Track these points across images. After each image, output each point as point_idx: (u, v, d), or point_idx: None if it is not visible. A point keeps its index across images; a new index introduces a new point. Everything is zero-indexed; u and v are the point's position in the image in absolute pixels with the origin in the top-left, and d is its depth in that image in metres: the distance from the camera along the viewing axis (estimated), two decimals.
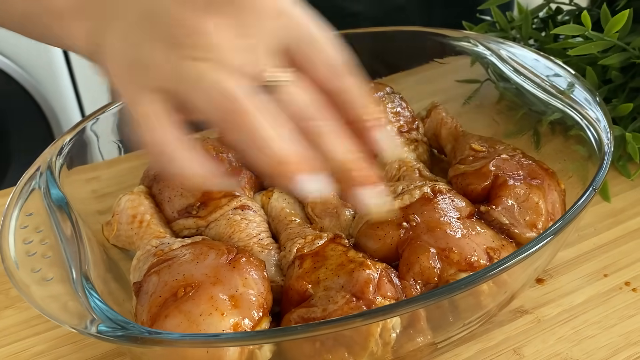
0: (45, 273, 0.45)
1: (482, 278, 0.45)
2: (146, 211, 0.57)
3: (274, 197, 0.58)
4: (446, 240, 0.50)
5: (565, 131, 0.62)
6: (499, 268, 0.45)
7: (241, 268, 0.48)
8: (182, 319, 0.45)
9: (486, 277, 0.45)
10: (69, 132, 0.57)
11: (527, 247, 0.45)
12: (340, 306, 0.46)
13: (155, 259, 0.50)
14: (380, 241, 0.51)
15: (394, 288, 0.48)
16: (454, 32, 0.68)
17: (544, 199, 0.55)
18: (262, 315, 0.47)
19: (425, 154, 0.65)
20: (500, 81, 0.67)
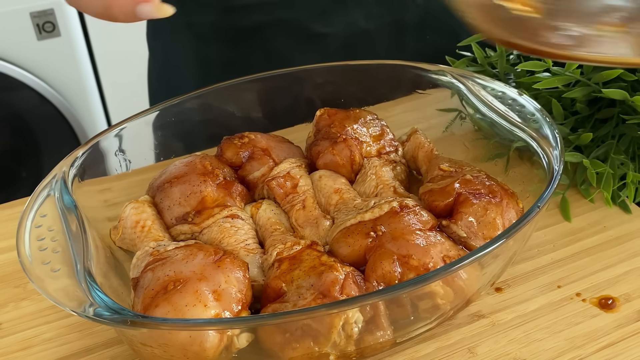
0: (54, 265, 0.52)
1: (427, 279, 0.51)
2: (148, 217, 0.64)
3: (262, 208, 0.65)
4: (407, 248, 0.56)
5: (530, 157, 0.68)
6: (443, 270, 0.52)
7: (225, 267, 0.55)
8: (169, 308, 0.52)
9: (430, 278, 0.51)
10: (82, 147, 0.64)
11: (467, 256, 0.52)
12: (308, 302, 0.53)
13: (151, 258, 0.57)
14: (349, 248, 0.58)
15: (358, 289, 0.54)
16: (431, 65, 0.76)
17: (501, 215, 0.61)
18: (242, 309, 0.54)
19: (403, 174, 0.71)
20: (475, 112, 0.74)
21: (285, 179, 0.67)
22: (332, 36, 0.92)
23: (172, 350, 0.51)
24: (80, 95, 1.94)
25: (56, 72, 1.87)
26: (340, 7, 0.91)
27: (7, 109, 1.90)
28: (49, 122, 1.91)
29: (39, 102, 1.85)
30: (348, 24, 0.92)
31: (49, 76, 1.88)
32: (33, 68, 1.82)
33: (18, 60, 1.81)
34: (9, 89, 1.84)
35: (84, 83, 1.94)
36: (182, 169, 0.67)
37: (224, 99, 0.78)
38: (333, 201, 0.66)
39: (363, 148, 0.71)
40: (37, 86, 1.85)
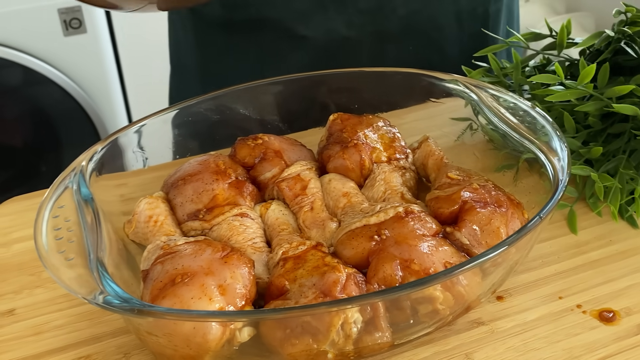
0: (68, 255, 0.54)
1: (426, 282, 0.53)
2: (161, 213, 0.66)
3: (271, 209, 0.67)
4: (409, 252, 0.58)
5: (539, 169, 0.69)
6: (442, 275, 0.53)
7: (232, 263, 0.57)
8: (176, 300, 0.53)
9: (429, 282, 0.53)
10: (101, 142, 0.67)
11: (466, 262, 0.53)
12: (309, 300, 0.54)
13: (162, 251, 0.59)
14: (353, 250, 0.59)
15: (359, 290, 0.56)
16: (445, 75, 0.77)
17: (506, 225, 0.62)
18: (245, 304, 0.55)
19: (412, 181, 0.73)
20: (486, 122, 0.75)
21: (295, 181, 0.68)
22: (313, 40, 0.93)
23: (176, 340, 0.52)
24: (103, 92, 1.98)
25: (80, 68, 1.91)
26: (320, 11, 0.91)
27: (30, 103, 1.95)
28: (71, 117, 1.95)
29: (62, 97, 1.89)
30: (329, 29, 0.92)
31: (73, 72, 1.91)
32: (58, 63, 1.86)
33: (44, 55, 1.86)
34: (34, 84, 1.89)
35: (107, 80, 1.97)
36: (196, 167, 0.69)
37: (240, 101, 0.80)
38: (341, 204, 0.67)
39: (374, 153, 0.72)
40: (61, 81, 1.89)
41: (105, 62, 1.97)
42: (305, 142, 0.78)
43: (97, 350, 0.60)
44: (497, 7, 0.96)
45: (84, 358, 0.59)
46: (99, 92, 1.99)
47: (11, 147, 2.03)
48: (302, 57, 0.93)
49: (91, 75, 1.95)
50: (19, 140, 2.03)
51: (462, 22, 0.96)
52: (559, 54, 0.82)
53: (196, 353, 0.53)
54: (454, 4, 0.94)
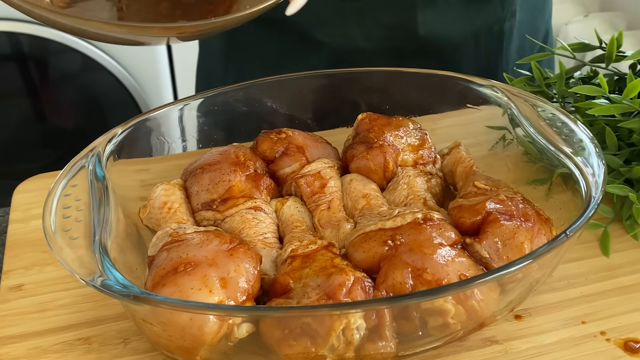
0: (73, 234, 0.54)
1: (436, 293, 0.50)
2: (176, 200, 0.65)
3: (287, 204, 0.65)
4: (423, 261, 0.55)
5: (573, 185, 0.65)
6: (455, 287, 0.50)
7: (237, 257, 0.55)
8: (175, 289, 0.52)
9: (439, 293, 0.50)
10: (121, 125, 0.66)
11: (482, 275, 0.50)
12: (312, 301, 0.52)
13: (169, 238, 0.58)
14: (364, 253, 0.57)
15: (365, 295, 0.53)
16: (482, 80, 0.73)
17: (530, 241, 0.59)
18: (246, 299, 0.54)
19: (437, 187, 0.70)
20: (522, 133, 0.71)
21: (315, 178, 0.66)
22: (330, 46, 0.92)
23: (172, 330, 0.51)
24: (153, 82, 1.99)
25: (133, 57, 1.93)
26: (340, 20, 0.90)
27: (85, 89, 1.98)
28: (121, 105, 1.98)
29: (114, 85, 1.92)
30: (347, 38, 0.91)
31: (126, 60, 1.94)
32: (112, 50, 1.88)
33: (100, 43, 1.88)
34: (90, 71, 1.92)
35: (158, 70, 1.99)
36: (216, 157, 0.68)
37: (269, 94, 0.78)
38: (359, 206, 0.65)
39: (399, 156, 0.69)
40: (114, 69, 1.92)
41: (158, 52, 1.99)
42: (332, 140, 0.76)
43: (98, 333, 0.59)
44: (511, 24, 0.94)
45: (83, 340, 0.58)
46: (150, 81, 2.01)
47: (63, 129, 2.07)
48: (320, 61, 0.92)
49: (143, 64, 1.97)
50: (71, 124, 2.07)
51: (478, 40, 0.94)
52: (607, 67, 0.78)
53: (191, 345, 0.51)
54: (471, 24, 0.93)
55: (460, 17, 0.92)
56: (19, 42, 1.86)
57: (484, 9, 0.93)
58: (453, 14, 0.92)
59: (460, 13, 0.92)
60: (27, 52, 1.87)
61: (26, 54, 1.88)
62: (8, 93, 1.93)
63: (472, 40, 0.95)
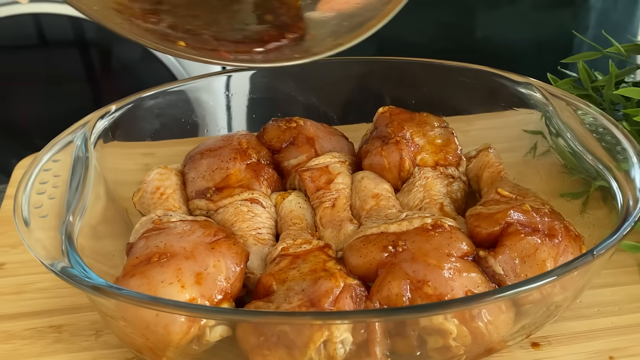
0: (43, 211, 0.50)
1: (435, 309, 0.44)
2: (170, 186, 0.60)
3: (288, 199, 0.60)
4: (425, 272, 0.48)
5: (612, 200, 0.57)
6: (456, 303, 0.44)
7: (219, 251, 0.50)
8: (144, 281, 0.47)
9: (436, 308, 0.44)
10: (117, 102, 0.62)
11: (489, 293, 0.43)
12: (292, 307, 0.46)
13: (152, 225, 0.53)
14: (361, 258, 0.51)
15: (355, 306, 0.47)
16: (518, 76, 0.66)
17: (554, 259, 0.51)
18: (223, 299, 0.48)
19: (459, 193, 0.63)
20: (559, 139, 0.64)
21: (321, 173, 0.61)
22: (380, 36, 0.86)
23: (135, 326, 0.46)
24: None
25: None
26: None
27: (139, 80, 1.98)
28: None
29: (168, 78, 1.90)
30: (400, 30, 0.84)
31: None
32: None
33: None
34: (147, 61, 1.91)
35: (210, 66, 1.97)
36: (218, 142, 0.63)
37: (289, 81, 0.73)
38: (367, 206, 0.59)
39: (418, 155, 0.63)
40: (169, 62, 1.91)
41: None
42: (351, 136, 0.70)
43: (71, 322, 0.55)
44: (580, 40, 0.85)
45: (54, 327, 0.54)
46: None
47: None
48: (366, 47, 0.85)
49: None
50: None
51: (541, 52, 0.86)
52: None
53: (154, 345, 0.46)
54: (534, 32, 0.85)
55: (525, 24, 0.85)
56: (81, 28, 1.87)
57: (553, 18, 0.85)
58: (518, 19, 0.85)
59: (526, 19, 0.85)
60: (90, 38, 1.88)
61: (89, 41, 1.89)
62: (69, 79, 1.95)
63: (533, 50, 0.87)
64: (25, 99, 1.90)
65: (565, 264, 0.45)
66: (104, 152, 0.59)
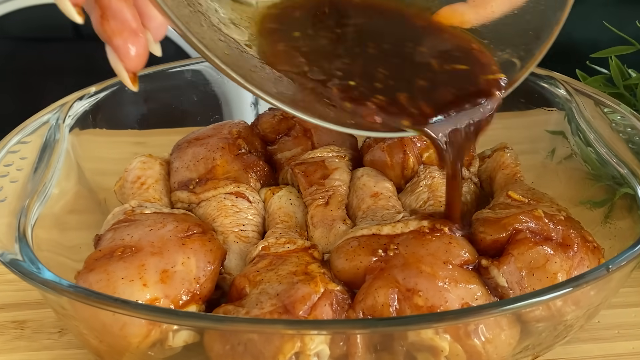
0: (1, 194, 0.46)
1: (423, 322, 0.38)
2: (152, 175, 0.56)
3: (278, 194, 0.55)
4: (416, 280, 0.43)
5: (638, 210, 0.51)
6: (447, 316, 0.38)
7: (190, 247, 0.45)
8: (103, 277, 0.43)
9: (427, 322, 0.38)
10: (98, 84, 0.58)
11: (486, 306, 0.37)
12: (263, 313, 0.41)
13: (123, 217, 0.49)
14: (347, 262, 0.46)
15: (334, 315, 0.42)
16: (540, 69, 0.60)
17: (567, 272, 0.45)
18: (190, 300, 0.44)
19: (469, 195, 0.57)
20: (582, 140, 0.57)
21: (316, 167, 0.55)
22: None
23: (90, 326, 0.42)
24: None
25: None
26: None
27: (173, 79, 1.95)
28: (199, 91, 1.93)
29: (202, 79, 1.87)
30: None
31: None
32: None
33: None
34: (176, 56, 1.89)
35: None
36: (208, 131, 0.59)
37: None
38: (364, 206, 0.53)
39: (425, 152, 0.57)
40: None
41: None
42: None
43: (35, 318, 0.51)
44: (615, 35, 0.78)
45: (18, 323, 0.51)
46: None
47: None
48: None
49: None
50: None
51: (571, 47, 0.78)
52: None
53: (111, 348, 0.42)
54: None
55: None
56: None
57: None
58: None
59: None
60: None
61: None
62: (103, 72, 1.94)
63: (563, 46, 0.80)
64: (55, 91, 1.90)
65: (575, 277, 0.40)
66: (83, 139, 0.55)
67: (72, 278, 0.43)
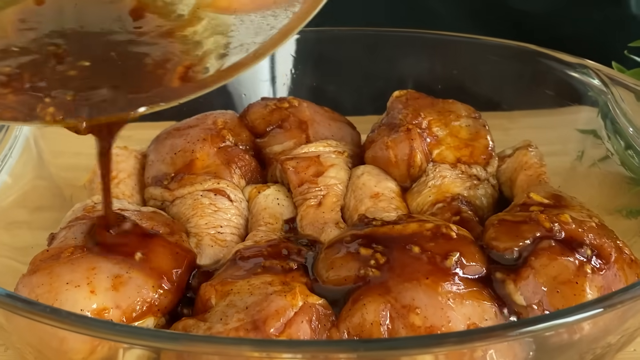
0: None
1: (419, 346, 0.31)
2: (125, 169, 0.50)
3: (264, 193, 0.48)
4: (413, 295, 0.36)
5: None
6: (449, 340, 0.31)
7: (152, 250, 0.39)
8: (46, 280, 0.37)
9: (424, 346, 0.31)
10: None
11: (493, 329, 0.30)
12: (227, 330, 0.34)
13: (81, 213, 0.43)
14: (333, 271, 0.39)
15: (312, 334, 0.35)
16: (571, 57, 0.53)
17: (599, 289, 0.38)
18: (147, 312, 0.37)
19: (485, 199, 0.50)
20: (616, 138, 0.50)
21: (309, 163, 0.49)
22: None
23: (24, 338, 0.35)
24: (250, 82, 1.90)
25: None
26: None
27: None
28: (213, 97, 1.89)
29: None
30: None
31: None
32: None
33: None
34: None
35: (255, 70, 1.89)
36: (191, 121, 0.53)
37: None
38: (363, 207, 0.46)
39: (436, 149, 0.50)
40: None
41: None
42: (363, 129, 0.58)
43: None
44: None
45: None
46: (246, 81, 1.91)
47: None
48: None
49: None
50: None
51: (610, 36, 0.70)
52: None
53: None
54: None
55: None
56: None
57: None
58: None
59: None
60: None
61: None
62: None
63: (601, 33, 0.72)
64: None
65: (609, 295, 0.32)
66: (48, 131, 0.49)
67: None
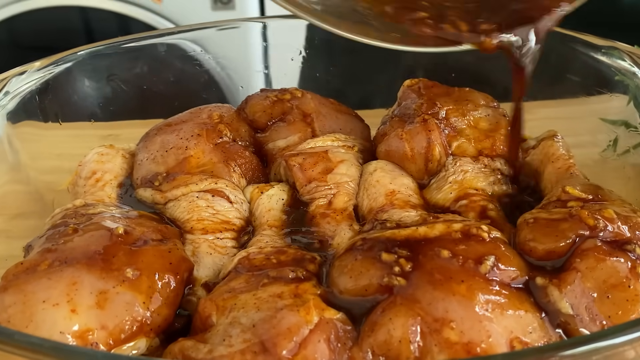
0: None
1: None
2: (110, 170, 0.45)
3: (267, 193, 0.43)
4: (447, 306, 0.31)
5: None
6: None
7: (140, 260, 0.34)
8: (18, 299, 0.32)
9: None
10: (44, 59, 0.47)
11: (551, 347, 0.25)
12: (231, 353, 0.30)
13: (61, 220, 0.38)
14: (352, 280, 0.34)
15: (332, 355, 0.30)
16: (599, 39, 0.48)
17: None
18: (137, 332, 0.32)
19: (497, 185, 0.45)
20: None
21: (316, 160, 0.44)
22: None
23: None
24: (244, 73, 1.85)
25: (223, 45, 1.80)
26: None
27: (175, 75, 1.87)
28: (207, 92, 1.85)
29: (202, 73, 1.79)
30: None
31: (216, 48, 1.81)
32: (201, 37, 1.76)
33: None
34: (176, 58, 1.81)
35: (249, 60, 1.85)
36: (184, 115, 0.48)
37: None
38: (377, 206, 0.42)
39: (455, 141, 0.45)
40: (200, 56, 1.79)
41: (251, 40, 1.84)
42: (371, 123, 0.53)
43: None
44: None
45: None
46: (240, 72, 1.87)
47: None
48: None
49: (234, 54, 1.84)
50: None
51: None
52: None
53: None
54: None
55: None
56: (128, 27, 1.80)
57: None
58: None
59: None
60: None
61: None
62: None
63: None
64: None
65: None
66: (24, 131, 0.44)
67: None
